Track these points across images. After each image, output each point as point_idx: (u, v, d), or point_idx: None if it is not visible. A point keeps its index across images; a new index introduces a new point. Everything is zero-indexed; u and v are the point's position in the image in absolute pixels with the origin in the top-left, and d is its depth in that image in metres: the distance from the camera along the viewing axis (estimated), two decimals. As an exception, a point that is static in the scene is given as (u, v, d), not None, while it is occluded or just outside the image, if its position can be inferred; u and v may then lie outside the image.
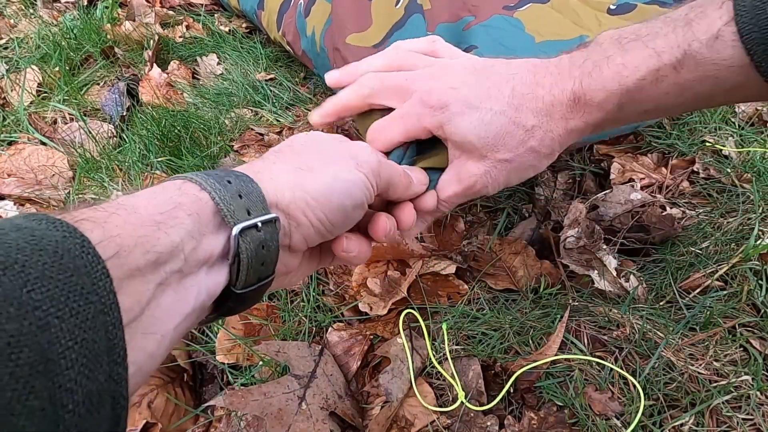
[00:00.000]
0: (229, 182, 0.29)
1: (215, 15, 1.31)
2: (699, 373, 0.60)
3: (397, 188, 0.39)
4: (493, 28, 0.86)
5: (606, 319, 0.65)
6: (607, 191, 0.82)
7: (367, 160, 0.35)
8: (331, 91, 1.06)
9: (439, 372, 0.62)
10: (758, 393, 0.58)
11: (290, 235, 0.32)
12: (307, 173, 0.33)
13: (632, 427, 0.55)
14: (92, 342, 0.20)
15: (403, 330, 0.65)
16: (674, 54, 0.35)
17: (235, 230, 0.27)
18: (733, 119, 0.97)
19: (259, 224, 0.28)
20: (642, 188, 0.84)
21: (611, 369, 0.60)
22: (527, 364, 0.60)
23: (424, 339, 0.64)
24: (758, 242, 0.72)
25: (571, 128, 0.40)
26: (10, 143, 0.91)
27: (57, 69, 1.07)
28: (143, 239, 0.24)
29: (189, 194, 0.28)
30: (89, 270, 0.21)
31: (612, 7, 0.92)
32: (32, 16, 1.27)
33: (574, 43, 0.85)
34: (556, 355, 0.61)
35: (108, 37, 1.18)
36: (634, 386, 0.58)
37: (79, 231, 0.22)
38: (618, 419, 0.57)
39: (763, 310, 0.66)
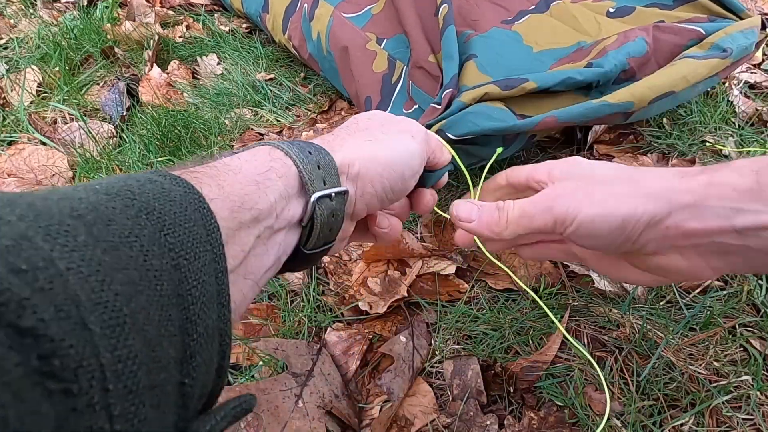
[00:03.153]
0: (309, 153, 0.32)
1: (215, 15, 1.31)
2: (699, 373, 0.60)
3: (438, 156, 0.42)
4: (492, 39, 0.87)
5: (606, 319, 0.65)
6: (607, 191, 0.82)
7: (419, 130, 0.39)
8: (332, 90, 1.06)
9: (439, 371, 0.62)
10: (758, 393, 0.58)
11: (354, 204, 0.35)
12: (374, 144, 0.36)
13: (602, 423, 0.55)
14: (208, 285, 0.23)
15: (405, 328, 0.65)
16: None
17: (314, 197, 0.31)
18: (733, 119, 0.97)
19: (333, 194, 0.32)
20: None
21: (611, 369, 0.60)
22: (526, 364, 0.60)
23: (425, 338, 0.64)
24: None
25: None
26: (10, 143, 0.91)
27: (57, 69, 1.07)
28: (247, 197, 0.27)
29: (278, 159, 0.31)
30: (205, 222, 0.24)
31: (611, 10, 0.92)
32: (32, 16, 1.27)
33: (571, 49, 0.86)
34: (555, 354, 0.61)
35: (108, 37, 1.18)
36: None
37: (195, 188, 0.25)
38: (618, 419, 0.57)
39: (763, 310, 0.66)
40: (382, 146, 0.36)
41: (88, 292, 0.17)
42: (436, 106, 0.73)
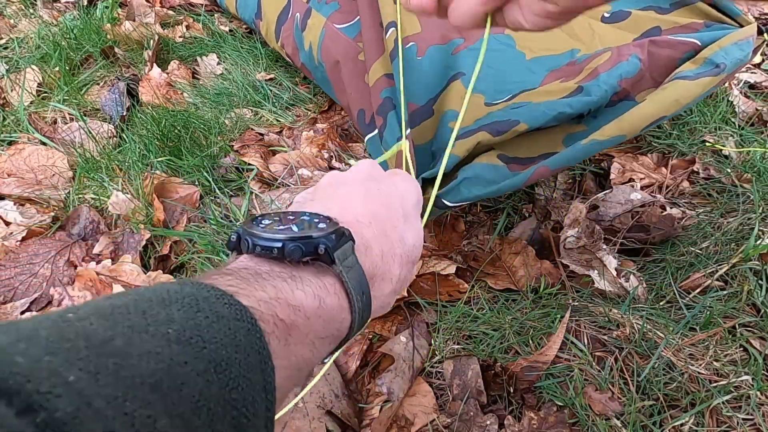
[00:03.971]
0: (363, 320, 0.31)
1: (215, 15, 1.31)
2: (699, 373, 0.60)
3: None
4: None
5: (606, 319, 0.65)
6: (607, 191, 0.82)
7: (410, 187, 0.40)
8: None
9: (439, 371, 0.62)
10: (758, 393, 0.58)
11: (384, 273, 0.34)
12: (390, 231, 0.35)
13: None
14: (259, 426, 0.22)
15: (406, 328, 0.65)
16: None
17: (352, 333, 0.31)
18: (733, 119, 0.97)
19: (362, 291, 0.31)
20: (642, 188, 0.84)
21: (612, 369, 0.60)
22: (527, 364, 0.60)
23: (425, 338, 0.64)
24: (758, 242, 0.72)
25: None
26: (10, 143, 0.91)
27: (57, 69, 1.07)
28: (303, 361, 0.26)
29: (342, 330, 0.30)
30: (263, 367, 0.22)
31: (606, 15, 0.91)
32: (32, 16, 1.27)
33: (565, 58, 0.85)
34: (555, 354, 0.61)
35: (108, 37, 1.18)
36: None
37: (258, 325, 0.23)
38: (618, 419, 0.57)
39: (763, 310, 0.66)
40: (394, 233, 0.35)
41: None
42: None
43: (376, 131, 0.79)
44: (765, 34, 0.84)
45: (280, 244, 0.28)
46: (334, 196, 0.35)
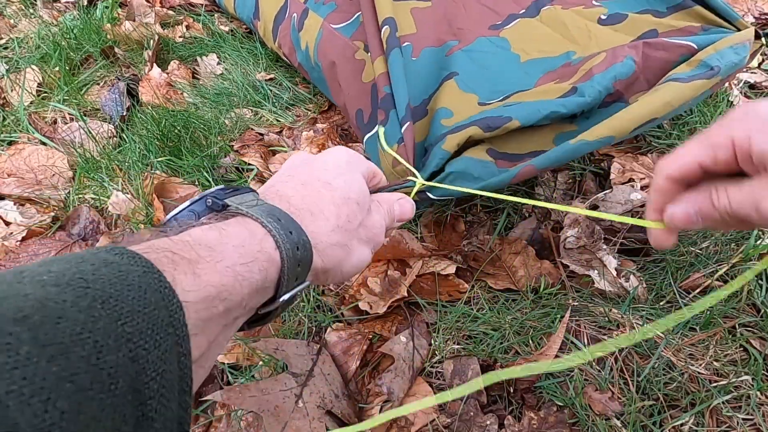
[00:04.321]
0: (297, 247, 0.31)
1: (215, 15, 1.31)
2: (699, 373, 0.60)
3: (378, 178, 0.43)
4: (476, 51, 0.85)
5: (606, 319, 0.65)
6: (607, 191, 0.82)
7: (347, 160, 0.40)
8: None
9: (439, 371, 0.62)
10: (758, 393, 0.58)
11: (318, 276, 0.36)
12: (327, 192, 0.37)
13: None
14: (169, 372, 0.22)
15: (405, 328, 0.65)
16: None
17: (282, 298, 0.31)
18: (733, 119, 0.97)
19: (297, 290, 0.33)
20: (642, 188, 0.84)
21: (612, 369, 0.60)
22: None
23: (425, 338, 0.64)
24: (758, 242, 0.72)
25: None
26: (10, 143, 0.91)
27: (57, 69, 1.07)
28: (224, 288, 0.26)
29: (266, 252, 0.30)
30: (166, 303, 0.22)
31: (603, 17, 0.91)
32: (32, 16, 1.27)
33: (560, 60, 0.85)
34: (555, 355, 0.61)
35: (108, 37, 1.18)
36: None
37: (155, 267, 0.23)
38: (618, 419, 0.57)
39: (763, 310, 0.66)
40: (331, 193, 0.36)
41: (30, 418, 0.16)
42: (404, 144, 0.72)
43: (375, 130, 0.79)
44: (763, 38, 0.83)
45: (177, 211, 0.33)
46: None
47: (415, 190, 0.60)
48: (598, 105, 0.74)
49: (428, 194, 0.67)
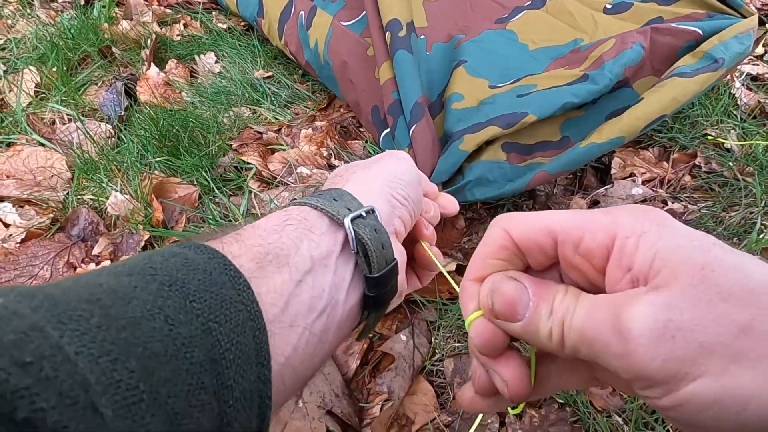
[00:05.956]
0: (320, 195, 0.32)
1: (213, 13, 1.31)
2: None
3: (424, 179, 0.41)
4: (484, 42, 0.87)
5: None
6: (608, 186, 0.81)
7: (404, 154, 0.39)
8: (328, 89, 1.05)
9: (440, 370, 0.62)
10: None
11: (392, 220, 0.34)
12: (372, 169, 0.37)
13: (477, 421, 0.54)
14: (244, 345, 0.23)
15: (407, 327, 0.64)
16: None
17: (347, 221, 0.30)
18: (735, 112, 0.96)
19: (363, 213, 0.31)
20: (643, 183, 0.83)
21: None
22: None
23: (425, 336, 0.64)
24: (761, 236, 0.71)
25: None
26: (8, 144, 0.91)
27: (54, 69, 1.07)
28: (271, 245, 0.28)
29: (292, 210, 0.31)
30: (234, 283, 0.24)
31: (608, 6, 0.91)
32: (30, 17, 1.26)
33: (568, 48, 0.85)
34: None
35: (105, 36, 1.17)
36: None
37: (220, 252, 0.25)
38: (619, 416, 0.56)
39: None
40: (377, 168, 0.37)
41: (98, 375, 0.17)
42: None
43: (386, 131, 0.80)
44: (767, 25, 0.83)
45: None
46: None
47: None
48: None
49: None
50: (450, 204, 0.44)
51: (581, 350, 0.20)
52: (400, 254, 0.34)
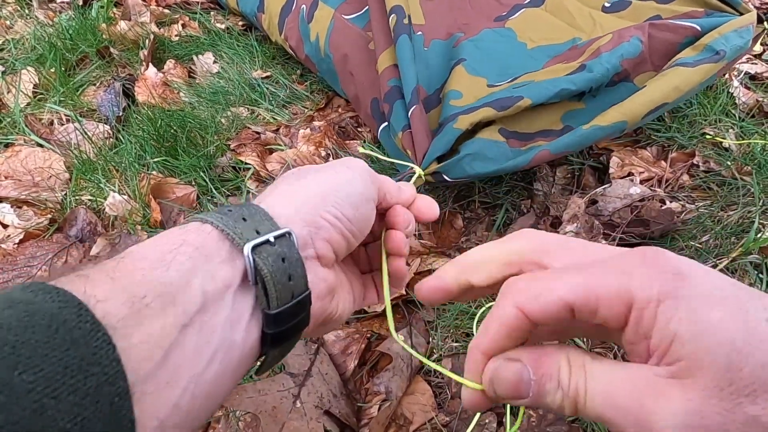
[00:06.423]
0: (229, 211, 0.28)
1: (211, 13, 1.31)
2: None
3: (390, 189, 0.37)
4: (483, 41, 0.87)
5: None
6: (606, 185, 0.81)
7: (356, 162, 0.35)
8: (329, 87, 1.05)
9: (437, 370, 0.62)
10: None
11: (313, 244, 0.30)
12: (306, 179, 0.32)
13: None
14: (94, 419, 0.19)
15: (402, 328, 0.64)
16: None
17: (247, 248, 0.26)
18: (733, 111, 0.96)
19: (272, 239, 0.27)
20: (641, 182, 0.83)
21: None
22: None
23: (423, 336, 0.64)
24: (759, 235, 0.71)
25: None
26: (6, 145, 0.91)
27: (53, 70, 1.07)
28: (153, 284, 0.23)
29: (192, 231, 0.27)
30: (88, 340, 0.20)
31: (606, 4, 0.92)
32: (28, 17, 1.26)
33: (566, 46, 0.85)
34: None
35: (103, 36, 1.17)
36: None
37: (76, 298, 0.21)
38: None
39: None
40: (312, 179, 0.32)
41: None
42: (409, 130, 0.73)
43: (390, 134, 0.81)
44: (765, 23, 0.83)
45: None
46: None
47: (413, 178, 0.61)
48: (605, 83, 0.76)
49: (444, 176, 0.69)
50: (427, 208, 0.39)
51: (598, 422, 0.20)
52: (321, 280, 0.31)
